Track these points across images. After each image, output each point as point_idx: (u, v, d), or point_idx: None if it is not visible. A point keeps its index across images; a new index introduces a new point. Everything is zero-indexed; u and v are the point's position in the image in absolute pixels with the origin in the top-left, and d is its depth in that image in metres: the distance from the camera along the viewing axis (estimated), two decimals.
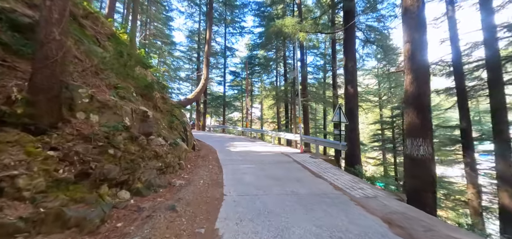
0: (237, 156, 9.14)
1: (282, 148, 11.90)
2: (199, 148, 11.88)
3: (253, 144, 13.70)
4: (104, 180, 3.43)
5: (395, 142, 20.06)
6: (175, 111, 10.66)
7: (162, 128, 8.22)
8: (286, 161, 8.23)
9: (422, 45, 4.95)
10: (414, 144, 4.81)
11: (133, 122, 4.65)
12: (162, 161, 5.40)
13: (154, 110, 8.71)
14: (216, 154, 9.57)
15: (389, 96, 23.50)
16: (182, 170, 6.43)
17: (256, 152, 10.34)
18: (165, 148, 5.84)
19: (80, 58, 4.68)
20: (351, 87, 8.89)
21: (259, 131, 18.88)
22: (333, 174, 6.28)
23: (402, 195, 4.44)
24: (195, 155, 9.42)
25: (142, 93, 8.27)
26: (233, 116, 38.66)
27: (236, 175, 6.00)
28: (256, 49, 29.06)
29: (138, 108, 4.87)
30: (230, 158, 8.59)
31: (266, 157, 8.93)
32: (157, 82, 10.64)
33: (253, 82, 33.69)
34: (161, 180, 5.06)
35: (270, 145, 13.69)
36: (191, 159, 8.51)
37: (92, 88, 4.14)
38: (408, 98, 5.17)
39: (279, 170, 6.62)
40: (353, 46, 9.16)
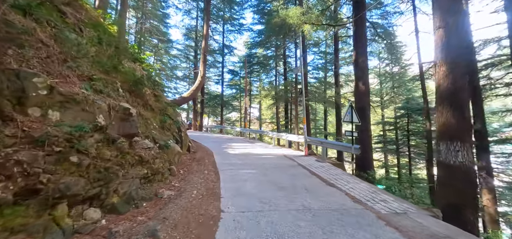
0: (236, 159, 8.33)
1: (284, 150, 11.11)
2: (195, 149, 11.04)
3: (252, 146, 12.89)
4: (62, 198, 2.60)
5: (398, 143, 19.39)
6: (169, 110, 9.81)
7: (153, 128, 7.38)
8: (290, 165, 7.43)
9: (459, 30, 4.19)
10: (450, 149, 4.05)
11: (111, 121, 3.81)
12: (148, 167, 4.57)
13: (144, 108, 7.86)
14: (213, 156, 8.75)
15: (392, 96, 22.84)
16: (173, 177, 5.60)
17: (256, 154, 9.53)
18: (152, 151, 5.01)
19: (47, 43, 3.84)
20: (362, 84, 8.14)
21: (259, 132, 18.08)
22: (346, 182, 5.49)
23: (436, 210, 3.68)
24: (190, 158, 8.59)
25: (130, 90, 7.43)
26: (231, 116, 37.84)
27: (236, 183, 5.19)
28: (255, 47, 28.26)
29: (117, 105, 4.04)
30: (228, 162, 7.77)
31: (267, 160, 8.13)
32: (148, 78, 9.79)
33: (251, 81, 32.89)
34: (146, 191, 4.23)
35: (270, 146, 12.89)
36: (185, 162, 7.68)
37: (56, 78, 3.31)
38: (442, 94, 4.39)
39: (284, 176, 5.81)
40: (363, 39, 8.41)
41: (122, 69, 7.07)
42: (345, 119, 6.51)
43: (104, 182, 3.25)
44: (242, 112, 30.26)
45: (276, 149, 11.69)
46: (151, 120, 7.66)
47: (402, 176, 17.92)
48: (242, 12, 28.08)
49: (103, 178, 3.25)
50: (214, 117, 37.46)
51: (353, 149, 6.17)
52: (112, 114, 3.88)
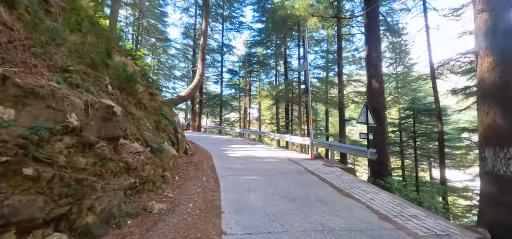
0: (237, 162, 7.66)
1: (288, 153, 10.45)
2: (193, 152, 10.37)
3: (253, 147, 12.22)
4: (7, 225, 1.92)
5: (402, 145, 18.80)
6: (165, 109, 9.13)
7: (146, 129, 6.70)
8: (297, 170, 6.77)
9: (509, 14, 3.55)
10: (499, 156, 3.39)
11: (88, 121, 3.13)
12: (136, 175, 3.89)
13: (137, 107, 7.18)
14: (212, 160, 8.08)
15: (395, 96, 22.25)
16: (167, 185, 4.93)
17: (258, 157, 8.86)
18: (142, 156, 4.33)
19: (10, 26, 3.16)
20: (376, 81, 7.51)
21: (260, 133, 17.41)
22: (363, 191, 4.84)
23: (482, 231, 3.04)
24: (187, 162, 7.91)
25: (121, 87, 6.75)
26: (230, 117, 37.18)
27: (238, 193, 4.52)
28: (255, 46, 27.62)
29: (98, 102, 3.37)
30: (229, 166, 7.10)
31: (271, 165, 7.47)
32: (143, 75, 9.10)
33: (251, 81, 32.24)
34: (133, 204, 3.55)
35: (272, 148, 12.23)
36: (181, 167, 7.01)
37: (15, 66, 2.63)
38: (486, 90, 3.74)
39: (292, 184, 5.15)
40: (377, 33, 7.79)
41: (112, 63, 6.40)
42: (360, 120, 5.87)
43: (75, 198, 2.57)
44: (242, 112, 29.61)
45: (279, 151, 11.03)
46: (144, 120, 6.99)
47: (406, 178, 17.32)
48: (242, 10, 27.44)
49: (74, 193, 2.57)
50: (213, 117, 36.77)
51: (369, 153, 5.53)
52: (90, 112, 3.20)
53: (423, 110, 16.51)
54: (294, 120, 27.28)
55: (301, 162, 7.88)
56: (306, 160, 8.26)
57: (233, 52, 29.21)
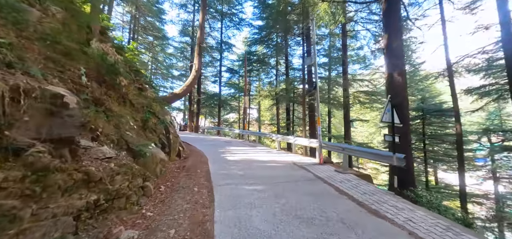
0: (236, 168, 6.67)
1: (292, 156, 9.48)
2: (187, 155, 9.37)
3: (254, 150, 11.23)
4: None
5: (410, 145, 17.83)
6: (155, 107, 8.15)
7: (129, 128, 5.71)
8: (306, 177, 5.78)
9: None
10: None
11: (19, 115, 2.15)
12: (101, 189, 2.90)
13: (119, 103, 6.19)
14: (208, 164, 7.09)
15: None
16: (148, 199, 3.93)
17: (260, 161, 7.88)
18: (113, 164, 3.34)
19: None
20: (398, 74, 6.54)
21: (260, 134, 16.42)
22: (393, 207, 3.86)
23: None
24: (179, 166, 6.92)
25: (100, 79, 5.77)
26: (229, 117, 36.20)
27: (237, 210, 3.53)
28: (255, 44, 26.68)
29: (36, 89, 2.37)
30: (226, 172, 6.11)
31: (275, 171, 6.48)
32: (130, 67, 8.11)
33: (251, 81, 31.29)
34: (90, 233, 2.56)
35: (274, 151, 11.25)
36: (171, 173, 6.01)
37: None
38: None
39: (304, 198, 4.17)
40: (397, 20, 6.80)
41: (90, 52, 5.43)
42: (384, 119, 4.92)
43: None
44: (241, 113, 28.63)
45: (282, 154, 10.05)
46: (128, 118, 5.99)
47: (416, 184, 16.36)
48: (242, 6, 26.50)
49: None
50: (212, 118, 35.76)
51: (395, 159, 4.56)
52: (23, 103, 2.21)
53: (433, 111, 15.58)
54: (295, 120, 26.34)
55: (309, 167, 6.89)
56: (314, 165, 7.28)
57: (232, 50, 28.28)
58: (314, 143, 8.26)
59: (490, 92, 12.27)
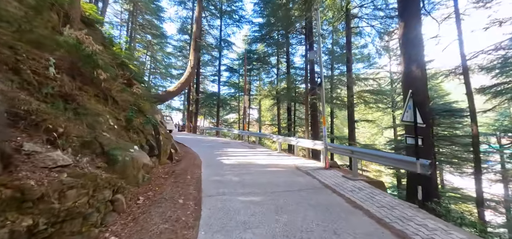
0: (231, 173, 5.92)
1: (294, 159, 8.73)
2: (180, 157, 8.66)
3: (253, 152, 10.49)
4: None
5: None
6: (144, 105, 7.43)
7: (107, 128, 5.00)
8: (311, 185, 5.03)
9: None
10: None
11: None
12: (42, 210, 2.17)
13: (98, 99, 5.48)
14: (200, 169, 6.35)
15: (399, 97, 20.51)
16: (118, 215, 3.20)
17: (259, 165, 7.13)
18: (65, 174, 2.60)
19: None
20: (417, 67, 5.75)
21: (260, 135, 15.67)
22: (422, 226, 3.11)
23: None
24: (168, 171, 6.20)
25: (74, 71, 5.08)
26: (229, 117, 35.46)
27: (228, 232, 2.78)
28: (256, 42, 25.95)
29: None
30: (220, 178, 5.37)
31: (276, 176, 5.73)
32: (115, 60, 7.38)
33: (251, 80, 30.57)
34: None
35: (275, 153, 10.50)
36: (157, 179, 5.28)
37: None
38: None
39: (311, 213, 3.42)
40: (417, 5, 6.02)
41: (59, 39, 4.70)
42: (405, 118, 4.16)
43: None
44: (241, 113, 27.89)
45: (283, 157, 9.30)
46: (107, 116, 5.27)
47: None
48: (241, 3, 25.77)
49: None
50: (211, 118, 35.03)
51: (419, 166, 3.80)
52: None
53: (443, 111, 14.79)
54: (297, 121, 25.56)
55: (313, 173, 6.14)
56: (319, 170, 6.52)
57: (232, 48, 27.56)
58: (319, 145, 7.50)
59: (503, 92, 11.53)
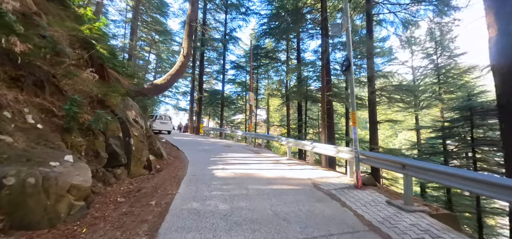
0: (220, 196, 4.00)
1: (309, 171, 6.75)
2: (164, 165, 6.87)
3: (257, 158, 8.57)
4: None
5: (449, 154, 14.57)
6: (110, 99, 5.66)
7: (14, 129, 3.21)
8: (343, 224, 3.05)
9: None
10: None
11: None
12: None
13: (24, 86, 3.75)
14: (179, 185, 4.50)
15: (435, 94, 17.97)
16: None
17: (262, 180, 5.20)
18: None
19: None
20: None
21: (268, 137, 13.71)
22: None
23: None
24: (130, 190, 4.38)
25: None
26: (236, 118, 33.69)
27: None
28: (264, 37, 24.02)
29: None
30: (199, 207, 3.45)
31: (286, 204, 3.76)
32: (78, 40, 5.65)
33: (258, 78, 28.69)
34: None
35: (284, 160, 8.54)
36: (103, 206, 3.46)
37: None
38: None
39: None
40: None
41: None
42: None
43: None
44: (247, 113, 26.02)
45: (294, 166, 7.32)
46: (27, 110, 3.49)
47: (455, 203, 13.11)
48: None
49: None
50: (217, 119, 33.38)
51: None
52: None
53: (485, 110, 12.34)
54: (309, 122, 23.42)
55: (341, 195, 4.15)
56: (348, 189, 4.51)
57: (238, 44, 25.75)
58: (346, 153, 5.48)
59: None
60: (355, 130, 4.73)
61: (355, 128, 4.75)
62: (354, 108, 4.80)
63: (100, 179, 4.25)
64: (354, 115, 4.79)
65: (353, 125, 4.79)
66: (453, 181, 3.10)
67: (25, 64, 3.70)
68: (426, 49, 19.25)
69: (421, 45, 19.75)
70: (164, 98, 33.10)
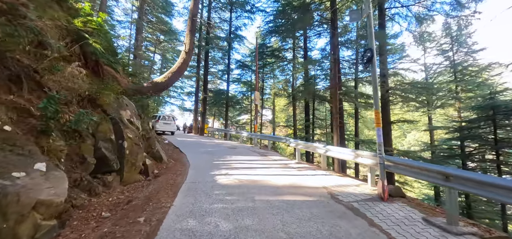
0: (222, 209, 3.39)
1: (321, 175, 6.10)
2: (162, 170, 6.33)
3: (264, 162, 7.93)
4: None
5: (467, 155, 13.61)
6: (101, 97, 5.12)
7: None
8: None
9: None
10: None
11: None
12: None
13: None
14: (175, 196, 3.92)
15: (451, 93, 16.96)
16: None
17: (271, 189, 4.56)
18: None
19: None
20: None
21: (274, 138, 13.07)
22: None
23: None
24: (121, 201, 3.84)
25: None
26: (241, 119, 33.13)
27: None
28: (269, 35, 23.39)
29: None
30: (195, 226, 2.82)
31: (301, 222, 3.12)
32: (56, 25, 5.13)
33: (264, 78, 28.06)
34: None
35: (293, 163, 7.89)
36: (81, 223, 2.87)
37: None
38: None
39: None
40: None
41: None
42: None
43: None
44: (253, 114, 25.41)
45: (305, 171, 6.65)
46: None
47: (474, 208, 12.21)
48: None
49: None
50: (222, 119, 32.87)
51: None
52: None
53: (510, 110, 11.42)
54: (316, 122, 22.65)
55: (366, 210, 3.48)
56: (372, 201, 3.84)
57: (243, 42, 25.19)
58: (367, 158, 4.79)
59: None
60: (380, 132, 4.05)
61: (379, 129, 4.07)
62: (378, 107, 4.13)
63: (85, 188, 3.69)
64: (378, 115, 4.11)
65: (377, 126, 4.11)
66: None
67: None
68: (441, 46, 18.27)
69: (436, 41, 18.77)
70: (170, 99, 32.85)
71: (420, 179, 3.69)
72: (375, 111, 4.14)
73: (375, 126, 4.14)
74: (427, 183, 16.64)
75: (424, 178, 3.45)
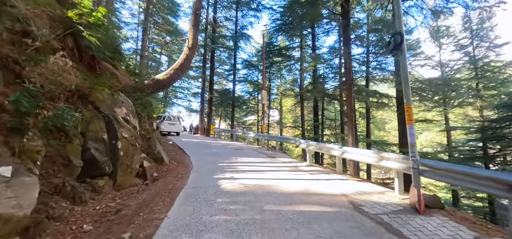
0: (224, 221, 2.81)
1: (337, 179, 5.46)
2: (162, 173, 5.83)
3: (272, 164, 7.34)
4: None
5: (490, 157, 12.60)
6: (94, 93, 4.65)
7: None
8: None
9: None
10: None
11: None
12: None
13: None
14: (172, 204, 3.37)
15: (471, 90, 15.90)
16: None
17: (281, 197, 3.96)
18: None
19: None
20: None
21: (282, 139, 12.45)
22: None
23: None
24: (110, 210, 3.31)
25: None
26: (248, 119, 32.60)
27: None
28: (276, 34, 22.80)
29: None
30: None
31: (321, 238, 2.53)
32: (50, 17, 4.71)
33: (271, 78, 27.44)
34: None
35: (304, 166, 7.27)
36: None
37: None
38: None
39: None
40: None
41: None
42: None
43: None
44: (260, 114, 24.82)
45: (318, 174, 6.01)
46: None
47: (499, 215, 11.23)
48: None
49: None
50: (229, 120, 32.41)
51: None
52: None
53: None
54: (325, 122, 21.87)
55: (400, 226, 2.84)
56: (405, 214, 3.19)
57: (249, 41, 24.67)
58: (394, 162, 4.12)
59: None
60: (412, 130, 3.40)
61: (411, 126, 3.43)
62: (409, 101, 3.48)
63: (67, 195, 3.19)
64: (410, 110, 3.46)
65: (408, 123, 3.46)
66: None
67: None
68: (459, 41, 17.22)
69: (453, 36, 17.72)
70: (177, 100, 32.70)
71: (468, 187, 3.03)
72: (406, 106, 3.49)
73: (407, 123, 3.49)
74: (447, 185, 15.65)
75: (475, 187, 2.78)
